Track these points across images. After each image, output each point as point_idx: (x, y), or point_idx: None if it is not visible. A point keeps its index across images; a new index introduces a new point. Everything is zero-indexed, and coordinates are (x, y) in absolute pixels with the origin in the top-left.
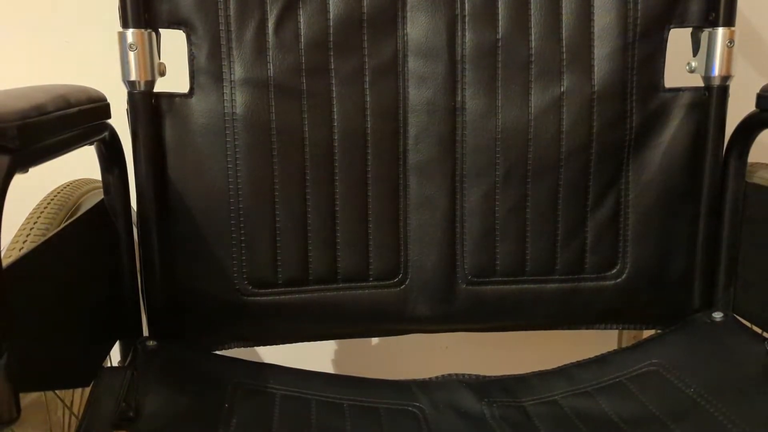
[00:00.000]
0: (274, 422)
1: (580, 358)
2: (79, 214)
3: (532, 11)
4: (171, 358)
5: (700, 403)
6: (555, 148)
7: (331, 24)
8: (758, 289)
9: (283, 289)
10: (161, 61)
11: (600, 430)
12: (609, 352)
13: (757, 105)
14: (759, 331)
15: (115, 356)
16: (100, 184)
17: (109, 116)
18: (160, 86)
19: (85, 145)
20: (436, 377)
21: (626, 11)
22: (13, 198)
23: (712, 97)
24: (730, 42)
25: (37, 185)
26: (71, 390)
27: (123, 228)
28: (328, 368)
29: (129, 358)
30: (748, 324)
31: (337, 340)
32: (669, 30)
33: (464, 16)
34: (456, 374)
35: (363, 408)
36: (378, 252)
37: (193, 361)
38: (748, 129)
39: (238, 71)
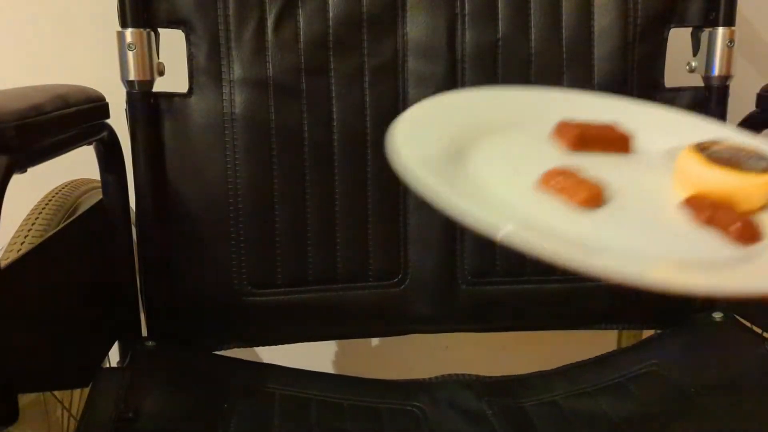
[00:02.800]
0: (273, 422)
1: (580, 359)
2: (77, 214)
3: (532, 11)
4: (170, 359)
5: (700, 403)
6: None
7: (331, 23)
8: None
9: (282, 289)
10: (160, 60)
11: (600, 430)
12: (609, 352)
13: (757, 105)
14: (759, 331)
15: (114, 357)
16: (99, 185)
17: (107, 116)
18: (159, 86)
19: (84, 145)
20: (436, 377)
21: (626, 11)
22: (12, 198)
23: (712, 96)
24: (730, 42)
25: (36, 185)
26: (70, 391)
27: (122, 228)
28: (328, 368)
29: (128, 359)
30: (748, 324)
31: (337, 340)
32: (669, 30)
33: (464, 15)
34: (456, 374)
35: (363, 408)
36: (378, 252)
37: (192, 362)
38: (748, 129)
39: (237, 71)
